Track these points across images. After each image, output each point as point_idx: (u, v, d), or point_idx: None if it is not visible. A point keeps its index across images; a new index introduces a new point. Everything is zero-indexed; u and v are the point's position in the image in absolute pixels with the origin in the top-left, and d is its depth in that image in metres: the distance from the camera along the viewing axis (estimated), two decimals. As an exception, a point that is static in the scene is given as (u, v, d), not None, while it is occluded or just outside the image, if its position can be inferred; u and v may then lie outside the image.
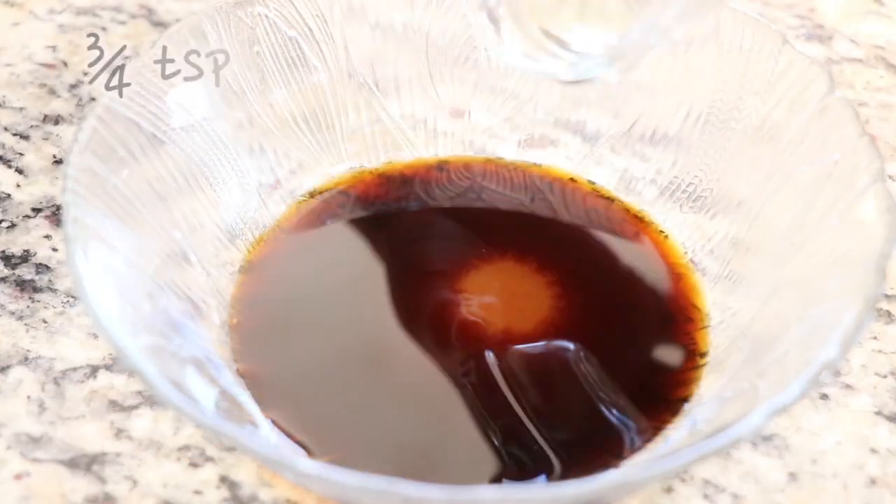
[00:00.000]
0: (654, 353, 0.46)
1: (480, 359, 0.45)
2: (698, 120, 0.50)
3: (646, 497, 0.43)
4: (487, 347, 0.45)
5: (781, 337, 0.42)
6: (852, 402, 0.46)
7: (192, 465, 0.43)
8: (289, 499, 0.42)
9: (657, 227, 0.51)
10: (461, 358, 0.45)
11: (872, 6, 0.66)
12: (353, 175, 0.53)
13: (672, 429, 0.43)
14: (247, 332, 0.46)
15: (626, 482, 0.37)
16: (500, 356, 0.45)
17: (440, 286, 0.47)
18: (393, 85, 0.53)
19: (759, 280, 0.46)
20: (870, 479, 0.44)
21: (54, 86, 0.58)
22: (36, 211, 0.52)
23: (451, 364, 0.45)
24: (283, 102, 0.51)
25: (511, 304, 0.47)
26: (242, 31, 0.49)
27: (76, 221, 0.40)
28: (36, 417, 0.44)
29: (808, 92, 0.46)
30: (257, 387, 0.44)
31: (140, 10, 0.63)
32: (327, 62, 0.52)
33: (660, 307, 0.48)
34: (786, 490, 0.43)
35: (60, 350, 0.46)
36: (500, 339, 0.46)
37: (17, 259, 0.50)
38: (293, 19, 0.50)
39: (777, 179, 0.46)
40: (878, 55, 0.62)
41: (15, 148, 0.54)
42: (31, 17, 0.62)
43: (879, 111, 0.59)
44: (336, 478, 0.35)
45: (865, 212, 0.41)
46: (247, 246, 0.49)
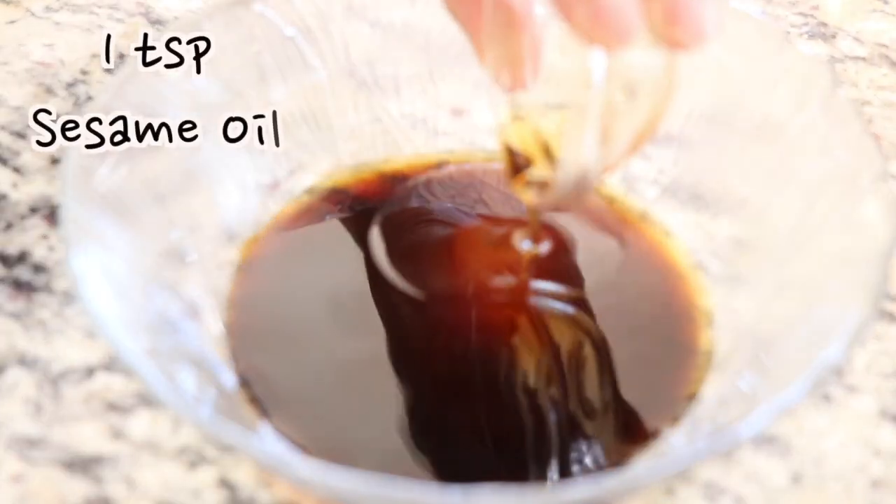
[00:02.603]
0: (656, 353, 0.46)
1: (482, 358, 0.45)
2: (700, 119, 0.50)
3: (647, 498, 0.43)
4: (488, 347, 0.45)
5: (784, 337, 0.42)
6: (855, 403, 0.46)
7: (191, 466, 0.43)
8: (288, 501, 0.42)
9: (659, 225, 0.51)
10: (462, 356, 0.45)
11: (877, 4, 0.66)
12: (353, 174, 0.52)
13: (674, 430, 0.43)
14: (245, 333, 0.46)
15: (627, 484, 0.37)
16: (500, 356, 0.45)
17: (441, 284, 0.47)
18: (393, 84, 0.53)
19: (762, 280, 0.46)
20: (873, 480, 0.44)
21: (51, 84, 0.58)
22: (33, 211, 0.51)
23: (453, 363, 0.45)
24: (281, 101, 0.51)
25: (511, 302, 0.47)
26: (241, 30, 0.48)
27: (73, 221, 0.40)
28: (33, 418, 0.44)
29: (811, 90, 0.46)
30: (256, 387, 0.44)
31: (138, 7, 0.62)
32: (326, 61, 0.52)
33: (662, 307, 0.48)
34: (788, 492, 0.43)
35: (57, 351, 0.46)
36: (499, 338, 0.46)
37: (14, 259, 0.49)
38: (292, 18, 0.50)
39: (780, 179, 0.46)
40: (881, 53, 0.62)
41: (12, 147, 0.54)
42: (27, 15, 0.62)
43: (883, 110, 0.59)
44: (334, 481, 0.35)
45: (869, 211, 0.41)
46: (245, 245, 0.49)
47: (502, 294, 0.48)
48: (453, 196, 0.52)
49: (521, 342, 0.46)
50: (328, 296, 0.48)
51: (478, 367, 0.45)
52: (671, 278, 0.49)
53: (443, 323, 0.46)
